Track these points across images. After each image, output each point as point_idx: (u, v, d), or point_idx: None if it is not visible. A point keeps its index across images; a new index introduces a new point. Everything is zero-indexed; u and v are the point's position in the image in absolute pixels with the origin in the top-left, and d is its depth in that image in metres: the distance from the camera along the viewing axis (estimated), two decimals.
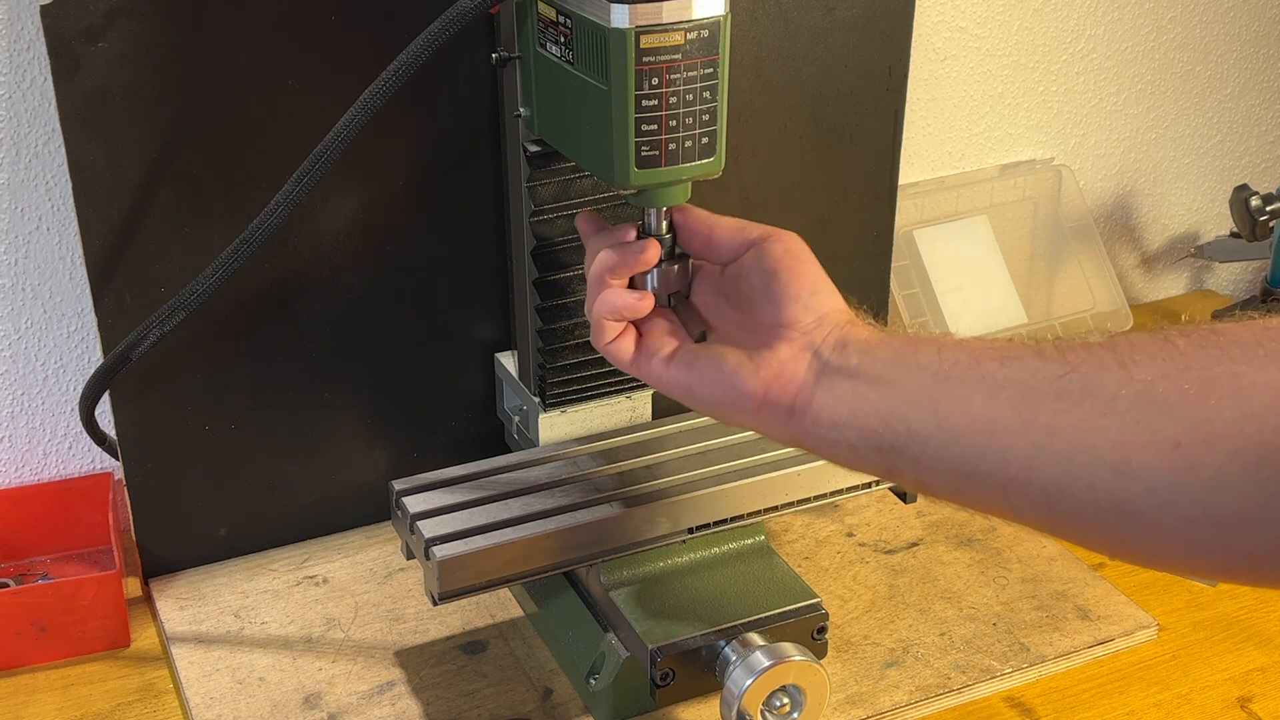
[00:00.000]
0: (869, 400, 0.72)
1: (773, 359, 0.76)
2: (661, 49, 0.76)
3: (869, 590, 1.08)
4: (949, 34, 1.37)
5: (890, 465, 0.71)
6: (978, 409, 0.66)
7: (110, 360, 0.97)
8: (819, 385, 0.74)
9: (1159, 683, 1.00)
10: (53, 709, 0.98)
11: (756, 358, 0.77)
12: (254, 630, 1.04)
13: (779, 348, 0.76)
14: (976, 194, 1.40)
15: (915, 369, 0.70)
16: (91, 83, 0.94)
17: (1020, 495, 0.65)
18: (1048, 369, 0.64)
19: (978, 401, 0.66)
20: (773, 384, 0.75)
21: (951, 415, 0.67)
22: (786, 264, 0.79)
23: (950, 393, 0.68)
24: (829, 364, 0.74)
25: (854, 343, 0.74)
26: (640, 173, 0.79)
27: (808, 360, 0.75)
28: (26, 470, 1.17)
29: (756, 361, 0.76)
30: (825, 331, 0.76)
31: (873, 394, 0.72)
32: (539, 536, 0.90)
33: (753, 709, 0.88)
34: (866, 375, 0.72)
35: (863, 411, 0.72)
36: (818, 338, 0.76)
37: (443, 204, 1.07)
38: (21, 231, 1.09)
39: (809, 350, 0.75)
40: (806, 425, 0.74)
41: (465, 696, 0.97)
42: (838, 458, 0.74)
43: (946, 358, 0.69)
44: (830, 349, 0.75)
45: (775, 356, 0.76)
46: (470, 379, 1.13)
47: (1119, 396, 0.61)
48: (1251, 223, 1.41)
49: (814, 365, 0.75)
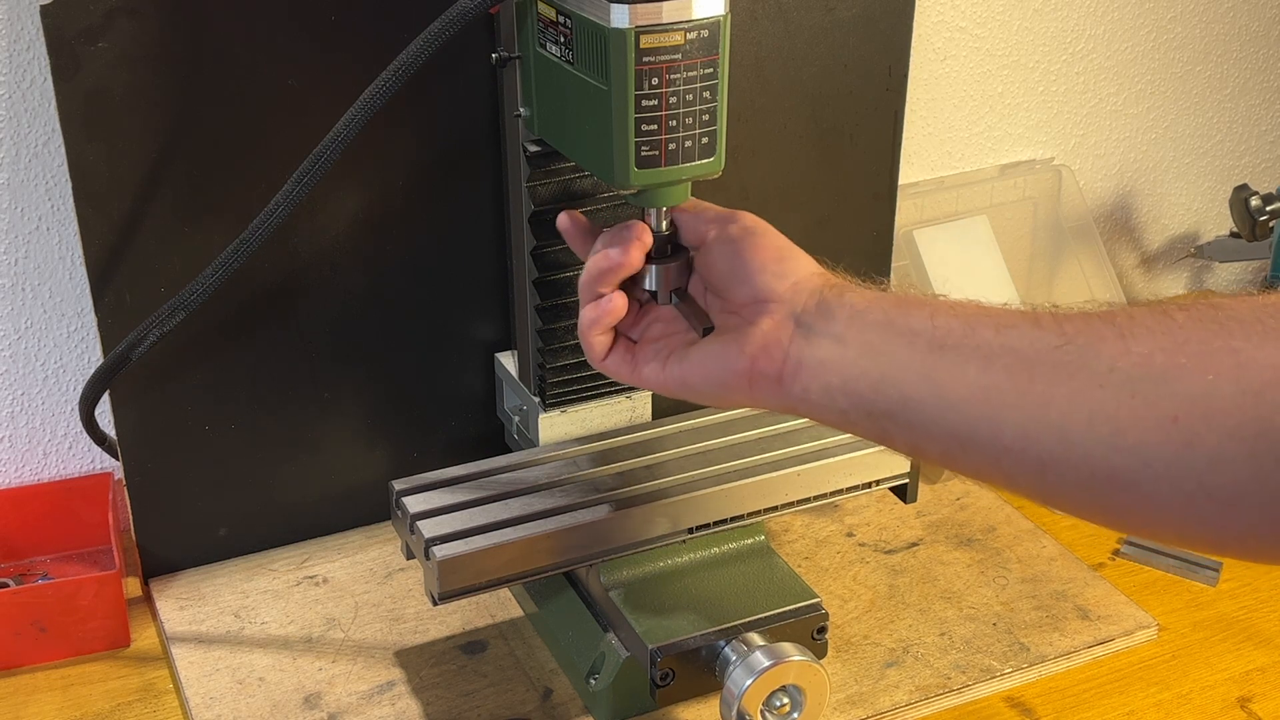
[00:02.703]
0: (859, 367, 0.71)
1: (755, 333, 0.76)
2: (661, 49, 0.76)
3: (869, 590, 1.08)
4: (949, 34, 1.36)
5: (882, 430, 0.71)
6: (972, 377, 0.66)
7: (110, 360, 0.97)
8: (805, 352, 0.74)
9: (1159, 683, 1.00)
10: (53, 709, 0.98)
11: (741, 336, 0.77)
12: (254, 630, 1.04)
13: (760, 321, 0.76)
14: (976, 194, 1.40)
15: (907, 335, 0.69)
16: (91, 83, 0.94)
17: (1015, 464, 0.64)
18: (1044, 338, 0.64)
19: (973, 370, 0.66)
20: (759, 357, 0.75)
21: (946, 383, 0.67)
22: (747, 240, 0.79)
23: (944, 360, 0.67)
24: (813, 330, 0.74)
25: (839, 307, 0.73)
26: (640, 173, 0.79)
27: (790, 329, 0.75)
28: (26, 470, 1.17)
29: (741, 340, 0.76)
30: (803, 297, 0.75)
31: (863, 361, 0.71)
32: (539, 536, 0.90)
33: (753, 709, 0.88)
34: (855, 342, 0.72)
35: (853, 377, 0.71)
36: (797, 304, 0.75)
37: (443, 204, 1.07)
38: (21, 231, 1.09)
39: (790, 318, 0.75)
40: (797, 393, 0.74)
41: (465, 696, 0.97)
42: (829, 422, 0.74)
43: (940, 324, 0.69)
44: (813, 314, 0.74)
45: (758, 330, 0.76)
46: (470, 379, 1.13)
47: (1116, 369, 0.60)
48: (1251, 223, 1.41)
49: (798, 333, 0.74)
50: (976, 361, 0.66)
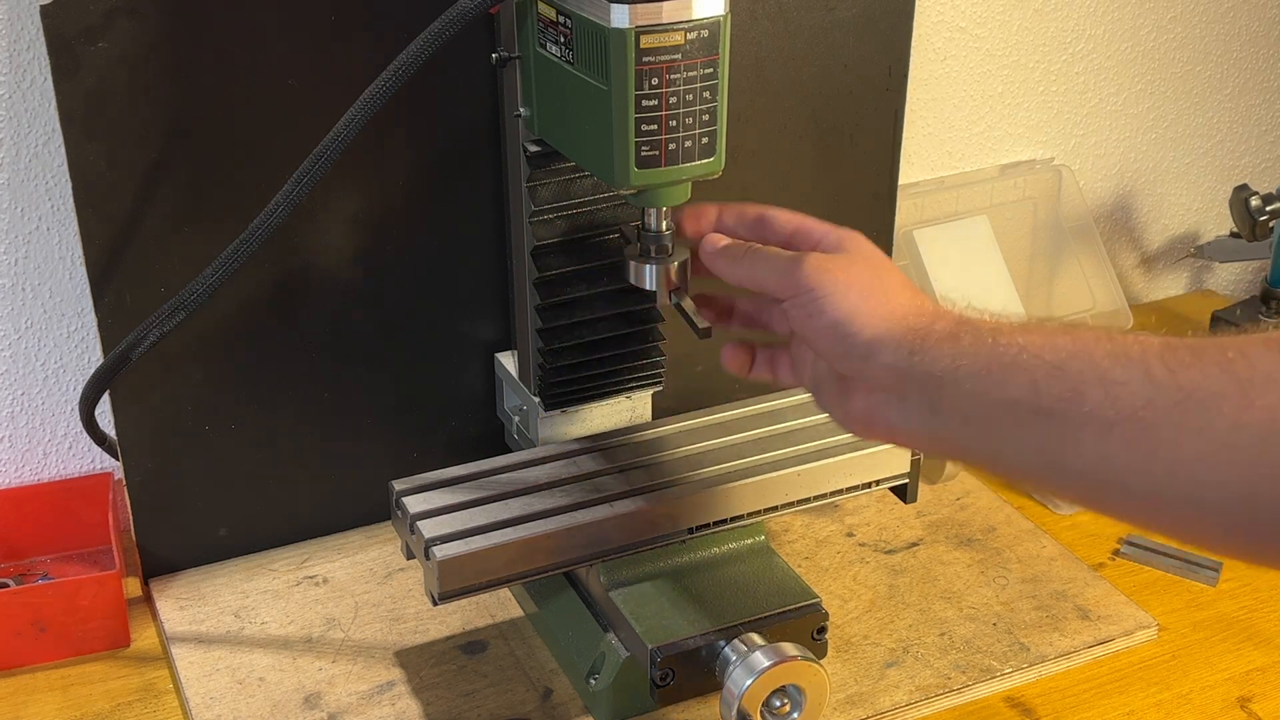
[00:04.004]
0: (962, 440, 0.68)
1: (849, 408, 0.76)
2: (661, 49, 0.76)
3: (869, 590, 1.08)
4: (949, 34, 1.36)
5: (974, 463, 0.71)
6: (1089, 448, 0.62)
7: (110, 360, 0.97)
8: (899, 425, 0.72)
9: (1159, 683, 1.00)
10: (53, 709, 0.98)
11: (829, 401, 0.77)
12: (254, 630, 1.04)
13: (853, 397, 0.75)
14: (976, 194, 1.40)
15: (1008, 407, 0.65)
16: (91, 83, 0.94)
17: (1148, 521, 0.63)
18: (1161, 396, 0.60)
19: (1089, 441, 0.62)
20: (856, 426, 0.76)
21: (1060, 455, 0.64)
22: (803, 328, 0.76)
23: (1054, 430, 0.63)
24: (906, 400, 0.71)
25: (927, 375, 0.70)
26: (640, 173, 0.79)
27: (879, 400, 0.73)
28: (26, 470, 1.17)
29: (833, 407, 0.77)
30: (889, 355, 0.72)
31: (964, 433, 0.68)
32: (539, 536, 0.90)
33: (753, 709, 0.88)
34: (951, 413, 0.68)
35: (958, 447, 0.69)
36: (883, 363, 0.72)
37: (443, 204, 1.07)
38: (21, 231, 1.09)
39: (877, 389, 0.73)
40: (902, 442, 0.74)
41: (465, 696, 0.97)
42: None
43: (1041, 385, 0.64)
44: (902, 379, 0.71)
45: (850, 406, 0.76)
46: (470, 379, 1.13)
47: (1241, 426, 0.57)
48: (1251, 223, 1.41)
49: (892, 400, 0.72)
50: (1091, 432, 0.62)
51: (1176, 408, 0.59)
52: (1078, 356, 0.64)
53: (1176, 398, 0.59)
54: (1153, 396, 0.60)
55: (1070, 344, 0.64)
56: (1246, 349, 0.59)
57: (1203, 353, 0.60)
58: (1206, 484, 0.59)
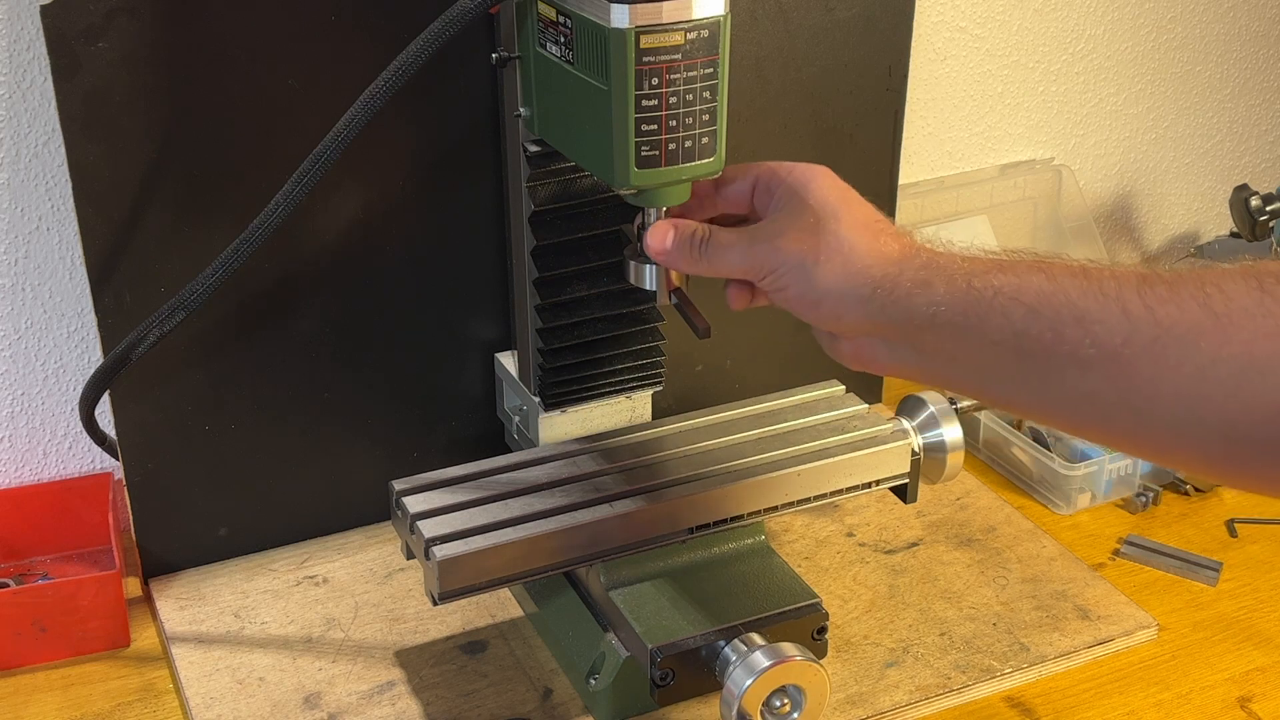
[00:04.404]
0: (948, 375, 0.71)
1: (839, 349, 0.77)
2: (661, 49, 0.76)
3: (869, 590, 1.08)
4: (949, 34, 1.37)
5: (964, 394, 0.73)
6: (1071, 383, 0.64)
7: (110, 360, 0.97)
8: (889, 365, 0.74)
9: (1159, 683, 1.00)
10: (53, 709, 0.98)
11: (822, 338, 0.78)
12: (254, 630, 1.04)
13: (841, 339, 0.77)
14: (976, 194, 1.40)
15: (988, 349, 0.67)
16: (91, 83, 0.94)
17: (1136, 449, 0.65)
18: (1138, 332, 0.61)
19: (1071, 377, 0.64)
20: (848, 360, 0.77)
21: (1043, 389, 0.65)
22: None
23: (1037, 367, 0.65)
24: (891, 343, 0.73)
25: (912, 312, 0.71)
26: (640, 173, 0.79)
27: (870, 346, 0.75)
28: (26, 470, 1.17)
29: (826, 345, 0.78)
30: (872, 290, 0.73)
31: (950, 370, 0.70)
32: (539, 536, 0.90)
33: (753, 709, 0.88)
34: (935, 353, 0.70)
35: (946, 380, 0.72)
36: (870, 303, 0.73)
37: (443, 204, 1.07)
38: (21, 231, 1.09)
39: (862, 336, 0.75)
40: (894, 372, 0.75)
41: (465, 696, 0.97)
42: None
43: (1019, 325, 0.65)
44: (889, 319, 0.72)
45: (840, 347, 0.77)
46: (470, 379, 1.13)
47: (1219, 360, 0.58)
48: (1251, 223, 1.41)
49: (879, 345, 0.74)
50: (1073, 369, 0.63)
51: (1154, 344, 0.60)
52: (1054, 296, 0.64)
53: (1154, 334, 0.60)
54: (1130, 334, 0.61)
55: (1045, 283, 0.65)
56: (1223, 282, 0.59)
57: (1179, 286, 0.60)
58: (1185, 418, 0.59)
